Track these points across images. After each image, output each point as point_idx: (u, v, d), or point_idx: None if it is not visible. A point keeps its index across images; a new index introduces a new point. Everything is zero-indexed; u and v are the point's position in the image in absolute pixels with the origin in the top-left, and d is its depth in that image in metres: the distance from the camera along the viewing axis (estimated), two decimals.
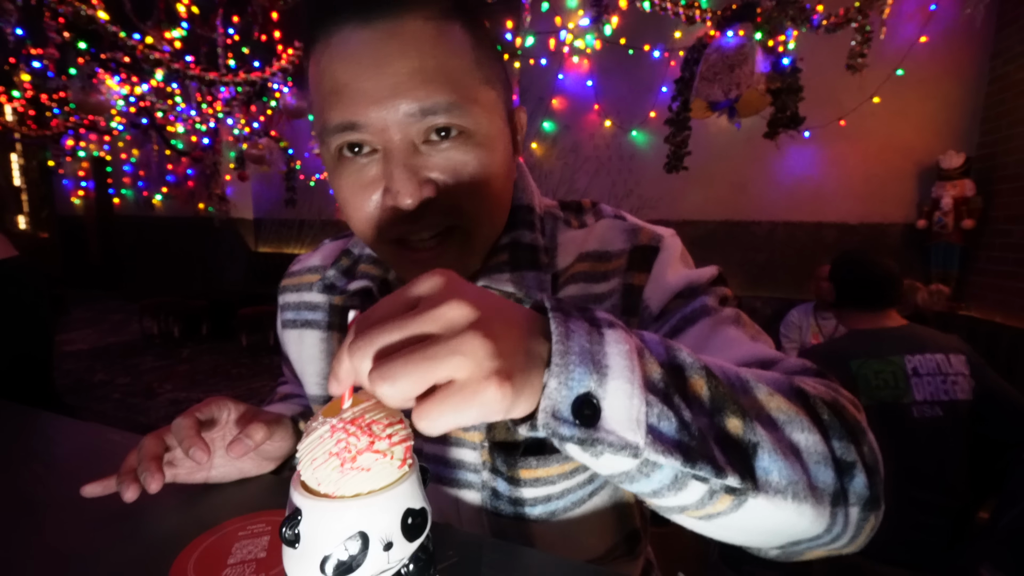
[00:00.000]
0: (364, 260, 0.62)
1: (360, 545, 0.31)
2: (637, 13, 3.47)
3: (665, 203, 4.39)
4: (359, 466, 0.31)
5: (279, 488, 0.56)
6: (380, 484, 0.32)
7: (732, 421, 0.32)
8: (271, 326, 5.30)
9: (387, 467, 0.32)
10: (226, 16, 4.12)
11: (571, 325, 0.30)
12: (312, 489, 0.32)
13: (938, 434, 1.37)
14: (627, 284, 0.54)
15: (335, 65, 0.45)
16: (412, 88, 0.44)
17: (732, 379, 0.35)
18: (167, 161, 6.76)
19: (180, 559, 0.42)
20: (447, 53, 0.46)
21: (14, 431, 0.74)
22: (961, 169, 3.25)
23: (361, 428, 0.32)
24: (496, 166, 0.50)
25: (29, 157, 7.10)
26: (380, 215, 0.48)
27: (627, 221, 0.60)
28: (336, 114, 0.46)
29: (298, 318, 0.69)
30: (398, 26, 0.44)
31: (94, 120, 5.52)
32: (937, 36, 3.41)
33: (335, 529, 0.31)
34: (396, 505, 0.33)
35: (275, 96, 5.10)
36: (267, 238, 6.76)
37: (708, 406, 0.32)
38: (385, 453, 0.32)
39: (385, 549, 0.32)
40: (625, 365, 0.29)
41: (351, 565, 0.31)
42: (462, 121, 0.46)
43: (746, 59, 2.89)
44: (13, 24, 4.01)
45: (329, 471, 0.31)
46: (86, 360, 4.83)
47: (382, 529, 0.32)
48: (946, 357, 1.42)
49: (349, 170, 0.48)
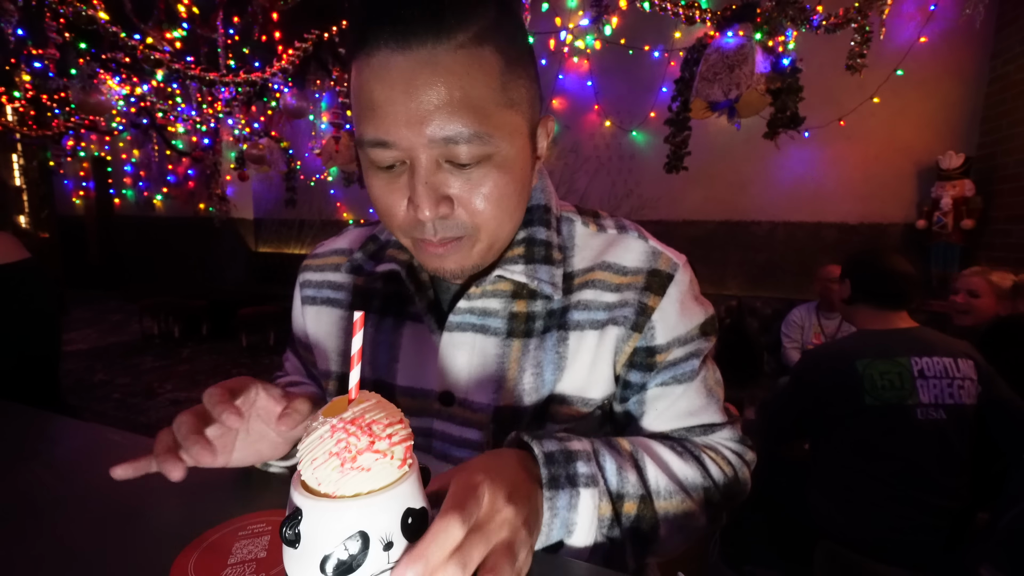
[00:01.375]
0: (391, 246, 0.66)
1: (360, 545, 0.31)
2: (637, 13, 3.47)
3: (665, 203, 4.39)
4: (359, 466, 0.31)
5: (279, 488, 0.56)
6: (380, 484, 0.32)
7: (644, 525, 0.52)
8: (271, 326, 5.28)
9: (387, 467, 0.32)
10: (226, 16, 4.12)
11: (557, 502, 0.47)
12: (312, 489, 0.32)
13: (941, 437, 1.36)
14: (641, 303, 0.59)
15: (372, 84, 0.49)
16: (438, 118, 0.48)
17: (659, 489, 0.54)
18: (167, 161, 6.76)
19: (180, 559, 0.42)
20: (474, 83, 0.48)
21: (15, 431, 0.74)
22: (961, 169, 3.25)
23: (361, 428, 0.32)
24: (513, 184, 0.54)
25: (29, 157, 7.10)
26: (404, 218, 0.54)
27: (649, 243, 0.63)
28: (370, 129, 0.50)
29: (319, 295, 0.73)
30: (432, 56, 0.47)
31: (95, 120, 5.52)
32: (937, 36, 3.41)
33: (335, 529, 0.31)
34: (396, 505, 0.33)
35: (275, 96, 5.10)
36: (267, 238, 6.76)
37: (632, 521, 0.52)
38: (385, 453, 0.32)
39: (385, 549, 0.32)
40: (588, 524, 0.48)
41: (351, 565, 0.31)
42: (481, 149, 0.50)
43: (746, 59, 2.89)
44: (14, 25, 4.01)
45: (329, 471, 0.31)
46: (86, 360, 4.84)
47: (382, 529, 0.32)
48: (954, 361, 1.41)
49: (380, 177, 0.53)
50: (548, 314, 0.61)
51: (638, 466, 0.54)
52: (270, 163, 5.87)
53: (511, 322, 0.60)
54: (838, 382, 1.44)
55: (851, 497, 1.41)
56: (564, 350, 0.59)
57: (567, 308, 0.61)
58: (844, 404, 1.42)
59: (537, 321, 0.61)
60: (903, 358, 1.41)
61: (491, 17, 0.49)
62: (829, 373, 1.47)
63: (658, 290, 0.60)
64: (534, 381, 0.59)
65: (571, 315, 0.60)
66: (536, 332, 0.60)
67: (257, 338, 5.27)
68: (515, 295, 0.61)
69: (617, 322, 0.59)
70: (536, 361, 0.59)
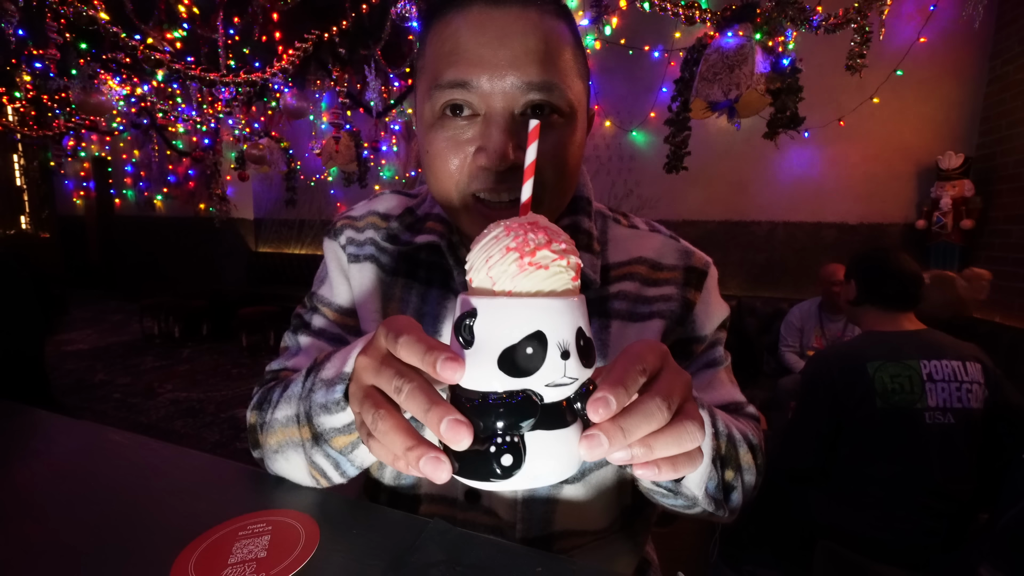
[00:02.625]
0: (431, 219, 0.67)
1: (539, 345, 0.30)
2: (637, 13, 3.47)
3: (665, 203, 4.39)
4: (538, 262, 0.30)
5: (279, 488, 0.56)
6: (557, 286, 0.31)
7: (728, 472, 0.53)
8: (271, 326, 5.27)
9: (563, 273, 0.31)
10: (227, 17, 4.12)
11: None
12: (486, 291, 0.31)
13: (948, 440, 1.35)
14: (685, 297, 0.64)
15: (462, 32, 0.52)
16: (524, 64, 0.51)
17: (735, 439, 0.54)
18: (168, 161, 6.76)
19: (180, 559, 0.42)
20: (557, 42, 0.53)
21: (14, 431, 0.74)
22: (960, 169, 3.25)
23: (538, 228, 0.32)
24: (574, 148, 0.56)
25: (30, 157, 7.11)
26: (468, 171, 0.54)
27: (680, 243, 0.69)
28: (451, 72, 0.51)
29: (362, 252, 0.70)
30: (524, 12, 0.52)
31: (95, 120, 5.53)
32: (936, 37, 3.41)
33: (514, 326, 0.30)
34: (571, 317, 0.31)
35: (275, 96, 5.10)
36: (267, 238, 6.76)
37: (723, 462, 0.52)
38: (562, 256, 0.31)
39: (563, 357, 0.30)
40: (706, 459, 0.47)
41: (528, 367, 0.30)
42: (557, 102, 0.53)
43: (746, 59, 2.88)
44: (14, 25, 4.01)
45: (506, 266, 0.30)
46: (86, 360, 4.84)
47: (560, 334, 0.30)
48: (963, 364, 1.40)
49: (448, 128, 0.54)
50: (588, 302, 0.60)
51: (712, 412, 0.53)
52: (270, 163, 5.87)
53: None
54: (850, 384, 1.41)
55: (852, 498, 1.41)
56: (607, 337, 0.62)
57: (606, 298, 0.63)
58: (855, 407, 1.40)
59: None
60: (913, 361, 1.39)
61: (563, 2, 0.56)
62: (841, 374, 1.44)
63: (697, 285, 0.64)
64: None
65: (611, 304, 0.63)
66: None
67: (257, 338, 5.27)
68: None
69: (663, 315, 0.62)
70: None
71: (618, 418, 0.32)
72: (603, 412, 0.31)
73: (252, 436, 0.62)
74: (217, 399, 3.86)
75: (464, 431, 0.30)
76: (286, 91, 4.74)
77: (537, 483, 0.31)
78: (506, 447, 0.30)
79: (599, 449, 0.31)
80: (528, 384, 0.30)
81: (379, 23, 3.97)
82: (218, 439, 3.21)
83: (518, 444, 0.30)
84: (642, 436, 0.33)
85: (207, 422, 3.43)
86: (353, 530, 0.47)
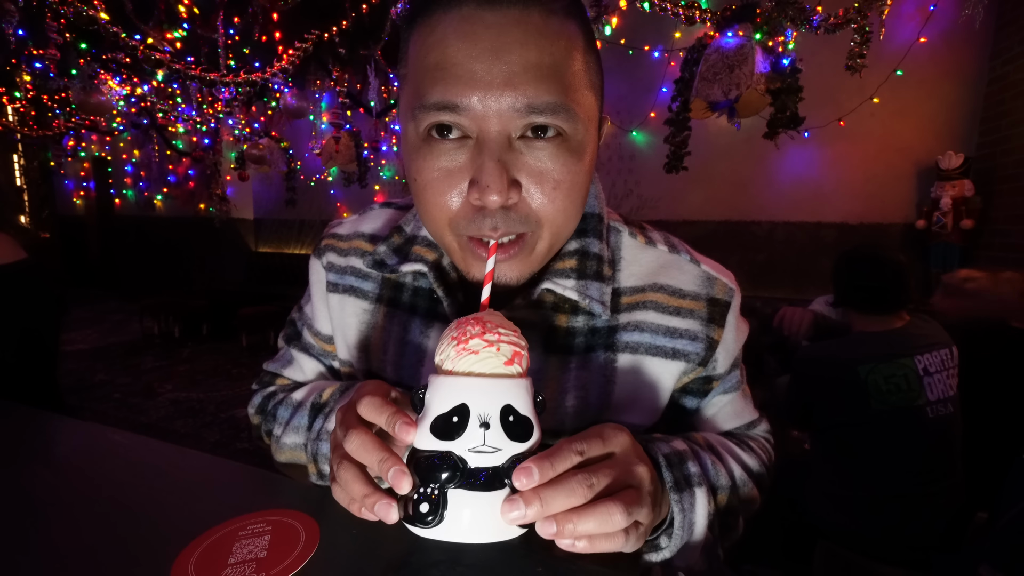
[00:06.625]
0: (419, 242, 0.60)
1: (460, 415, 0.36)
2: (637, 13, 3.47)
3: (665, 203, 4.39)
4: (470, 348, 0.37)
5: (279, 488, 0.56)
6: (486, 369, 0.37)
7: (731, 515, 0.54)
8: (271, 326, 5.28)
9: (493, 357, 0.37)
10: (227, 17, 4.12)
11: (684, 503, 0.47)
12: (440, 369, 0.39)
13: (948, 431, 1.35)
14: (709, 337, 0.58)
15: (448, 41, 0.43)
16: (525, 82, 0.42)
17: (737, 486, 0.55)
18: (168, 161, 6.77)
19: (180, 559, 0.42)
20: (564, 51, 0.45)
21: (15, 431, 0.74)
22: (960, 169, 3.25)
23: (479, 322, 0.39)
24: (581, 175, 0.49)
25: (30, 157, 7.11)
26: (462, 208, 0.47)
27: (702, 267, 0.61)
28: (437, 91, 0.43)
29: (341, 282, 0.66)
30: (524, 15, 0.43)
31: (95, 120, 5.53)
32: (936, 37, 3.41)
33: (445, 398, 0.37)
34: (497, 394, 0.37)
35: (275, 96, 5.10)
36: (267, 238, 6.76)
37: (723, 514, 0.52)
38: (493, 344, 0.37)
39: (482, 426, 0.36)
40: (703, 522, 0.48)
41: (451, 432, 0.36)
42: (563, 124, 0.45)
43: (746, 59, 2.88)
44: (15, 25, 4.01)
45: (449, 351, 0.38)
46: (86, 360, 4.84)
47: (481, 407, 0.36)
48: (949, 351, 1.39)
49: (435, 153, 0.46)
50: (591, 331, 0.57)
51: (722, 459, 0.55)
52: (270, 163, 5.88)
53: (549, 336, 0.56)
54: (840, 389, 1.40)
55: (851, 497, 1.41)
56: (612, 373, 0.56)
57: (616, 328, 0.56)
58: (848, 411, 1.39)
59: (578, 338, 0.56)
60: (906, 358, 1.37)
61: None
62: (830, 379, 1.43)
63: (720, 320, 0.58)
64: (578, 404, 0.55)
65: (621, 336, 0.56)
66: (578, 350, 0.56)
67: (257, 338, 5.27)
68: (556, 308, 0.57)
69: (687, 357, 0.57)
70: (580, 383, 0.55)
71: (540, 488, 0.35)
72: (525, 481, 0.34)
73: (256, 432, 0.69)
74: (217, 399, 3.86)
75: (404, 479, 0.36)
76: (286, 91, 4.74)
77: (461, 537, 0.36)
78: (423, 498, 0.36)
79: (517, 512, 0.34)
80: (452, 447, 0.36)
81: (379, 23, 3.97)
82: (218, 439, 3.21)
83: (437, 498, 0.36)
84: (561, 510, 0.35)
85: (207, 422, 3.43)
86: (353, 530, 0.47)
